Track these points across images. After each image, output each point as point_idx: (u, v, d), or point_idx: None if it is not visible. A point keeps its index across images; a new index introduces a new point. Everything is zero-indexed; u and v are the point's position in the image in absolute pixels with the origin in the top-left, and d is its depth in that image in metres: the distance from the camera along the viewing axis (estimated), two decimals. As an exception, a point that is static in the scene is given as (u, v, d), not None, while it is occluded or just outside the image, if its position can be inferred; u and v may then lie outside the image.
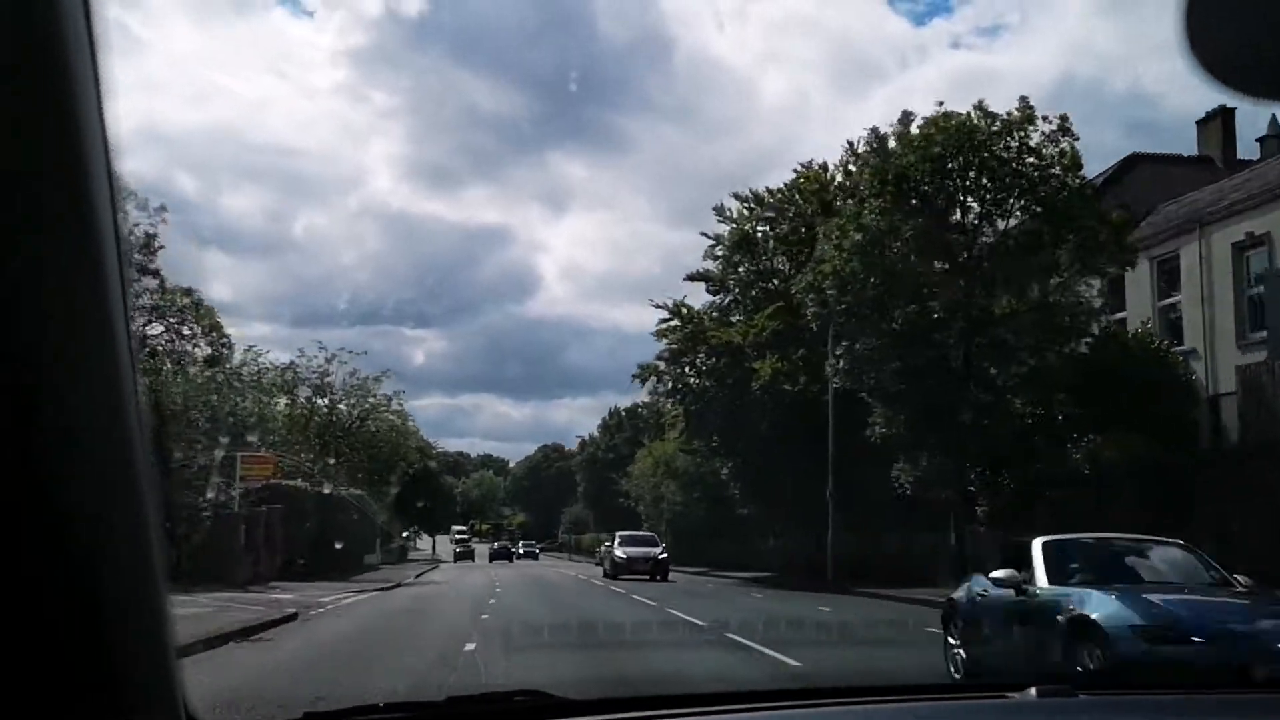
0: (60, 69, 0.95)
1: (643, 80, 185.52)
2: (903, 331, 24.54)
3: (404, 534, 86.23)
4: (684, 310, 41.36)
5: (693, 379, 41.46)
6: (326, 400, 48.29)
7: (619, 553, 39.38)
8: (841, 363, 27.59)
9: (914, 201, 24.91)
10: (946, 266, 25.23)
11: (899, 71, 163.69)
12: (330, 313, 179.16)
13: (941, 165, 24.35)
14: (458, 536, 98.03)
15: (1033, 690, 2.14)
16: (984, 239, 25.09)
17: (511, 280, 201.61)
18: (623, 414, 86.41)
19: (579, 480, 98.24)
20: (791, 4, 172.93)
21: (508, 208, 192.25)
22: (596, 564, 53.26)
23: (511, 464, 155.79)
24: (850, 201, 28.21)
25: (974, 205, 25.00)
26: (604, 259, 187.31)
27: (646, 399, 67.63)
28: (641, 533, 46.92)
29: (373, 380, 48.45)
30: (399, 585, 32.77)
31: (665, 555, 39.85)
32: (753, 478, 39.67)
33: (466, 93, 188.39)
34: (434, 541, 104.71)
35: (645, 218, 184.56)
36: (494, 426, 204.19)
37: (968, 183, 24.65)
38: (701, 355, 40.08)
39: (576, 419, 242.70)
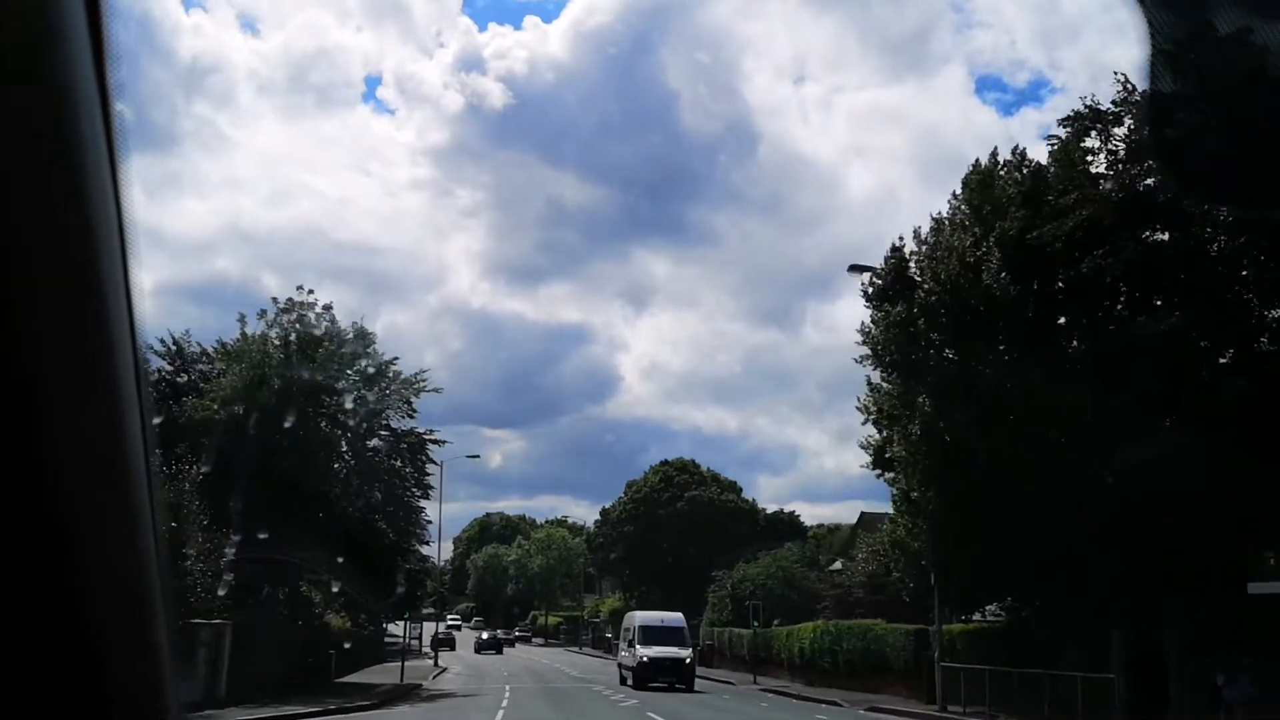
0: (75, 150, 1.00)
1: (726, 174, 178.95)
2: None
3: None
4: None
5: None
6: None
7: None
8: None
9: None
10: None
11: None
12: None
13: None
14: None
15: None
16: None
17: (591, 380, 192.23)
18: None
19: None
20: (876, 95, 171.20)
21: (589, 305, 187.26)
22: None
23: (590, 524, 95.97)
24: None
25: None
26: (685, 358, 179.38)
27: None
28: None
29: None
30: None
31: None
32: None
33: (549, 188, 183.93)
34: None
35: (728, 316, 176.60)
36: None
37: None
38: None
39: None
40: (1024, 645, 24.29)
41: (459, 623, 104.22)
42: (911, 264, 24.55)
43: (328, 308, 33.65)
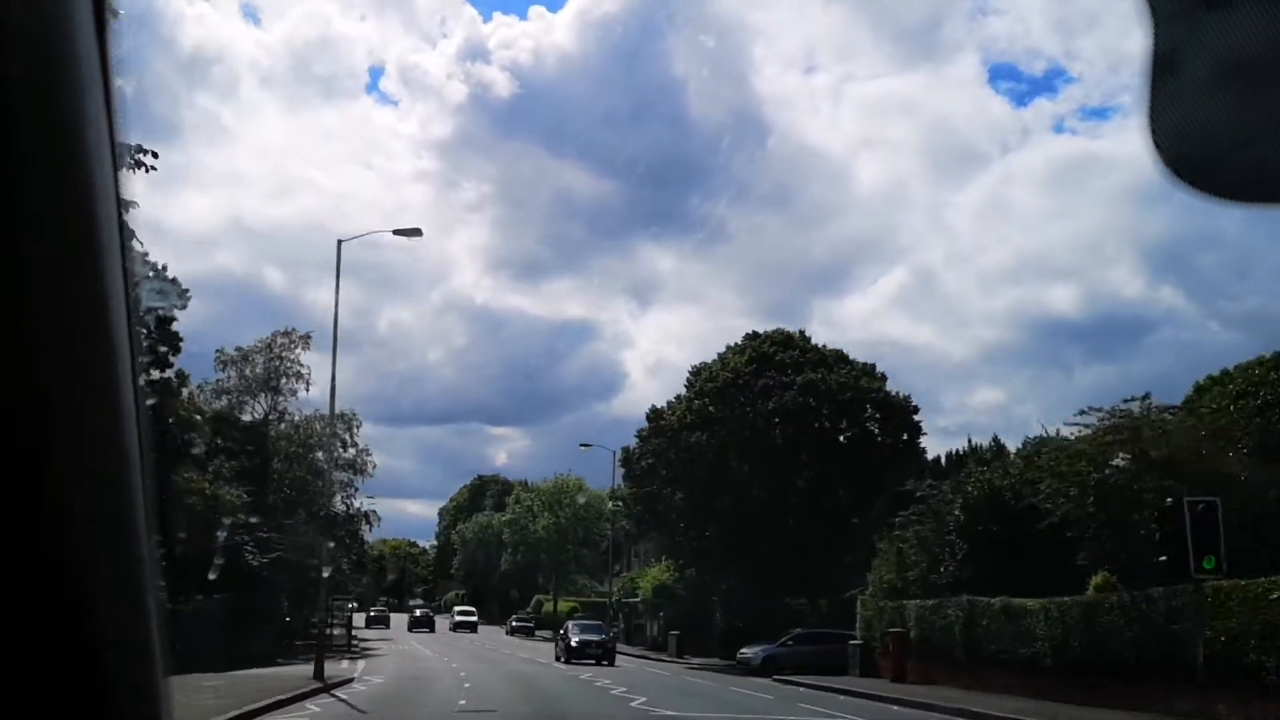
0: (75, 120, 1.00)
1: (734, 166, 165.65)
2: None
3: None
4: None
5: None
6: None
7: None
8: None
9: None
10: None
11: (999, 156, 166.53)
12: (414, 411, 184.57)
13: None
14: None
15: None
16: None
17: (596, 377, 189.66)
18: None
19: None
20: (888, 85, 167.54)
21: (594, 301, 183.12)
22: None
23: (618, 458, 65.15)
24: None
25: None
26: (691, 355, 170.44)
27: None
28: None
29: None
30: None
31: None
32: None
33: (554, 180, 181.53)
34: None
35: (734, 312, 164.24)
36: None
37: None
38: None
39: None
40: None
41: (473, 614, 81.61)
42: None
43: None
